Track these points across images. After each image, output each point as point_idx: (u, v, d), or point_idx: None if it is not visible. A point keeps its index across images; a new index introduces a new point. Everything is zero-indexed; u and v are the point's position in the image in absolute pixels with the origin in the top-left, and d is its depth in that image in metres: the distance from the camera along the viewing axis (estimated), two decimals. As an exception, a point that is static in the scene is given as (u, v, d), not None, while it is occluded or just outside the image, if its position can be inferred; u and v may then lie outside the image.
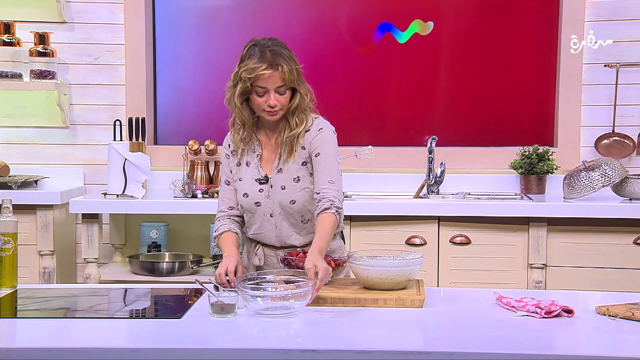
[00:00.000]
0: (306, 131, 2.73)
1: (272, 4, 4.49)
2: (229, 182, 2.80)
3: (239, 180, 2.76)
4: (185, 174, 4.18)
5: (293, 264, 2.54)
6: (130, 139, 4.22)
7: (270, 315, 2.25)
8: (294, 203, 2.70)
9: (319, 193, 2.64)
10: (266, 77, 2.63)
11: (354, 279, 2.63)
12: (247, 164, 2.76)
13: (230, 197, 2.79)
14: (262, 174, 2.73)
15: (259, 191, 2.72)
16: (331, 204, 2.59)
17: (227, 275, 2.52)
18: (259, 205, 2.72)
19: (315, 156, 2.69)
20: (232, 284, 2.48)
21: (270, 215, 2.72)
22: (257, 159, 2.75)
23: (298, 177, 2.71)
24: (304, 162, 2.72)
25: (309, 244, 2.68)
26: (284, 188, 2.71)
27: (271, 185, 2.72)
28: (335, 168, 2.69)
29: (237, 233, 2.76)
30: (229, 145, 2.80)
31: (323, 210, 2.59)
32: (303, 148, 2.72)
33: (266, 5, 4.50)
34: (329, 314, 2.32)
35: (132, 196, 3.96)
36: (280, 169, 2.72)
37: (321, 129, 2.73)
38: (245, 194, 2.74)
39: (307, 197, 2.71)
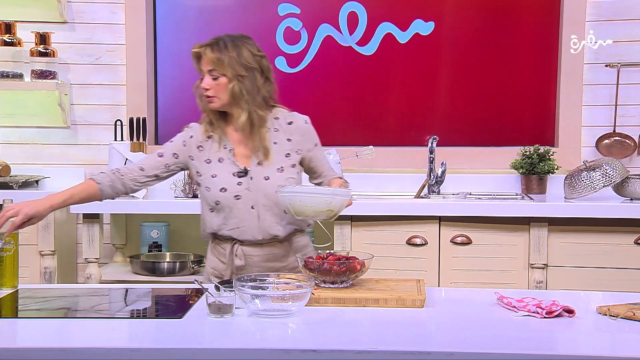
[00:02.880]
0: (288, 123, 2.80)
1: (273, 3, 4.49)
2: (162, 154, 2.80)
3: (212, 177, 2.76)
4: (186, 174, 4.18)
5: (314, 265, 2.51)
6: (131, 139, 4.22)
7: (268, 316, 2.24)
8: None
9: (326, 177, 2.84)
10: (201, 57, 2.74)
11: (360, 280, 2.63)
12: (219, 160, 2.77)
13: (153, 164, 2.78)
14: (240, 167, 2.75)
15: (238, 184, 2.74)
16: (341, 177, 2.84)
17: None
18: (239, 199, 2.73)
19: (314, 146, 2.84)
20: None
21: (252, 207, 2.74)
22: (231, 153, 2.76)
23: (282, 167, 2.76)
24: (288, 153, 2.78)
25: (291, 234, 2.79)
26: (268, 178, 2.74)
27: (251, 178, 2.74)
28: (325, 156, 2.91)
29: (99, 185, 2.73)
30: (192, 136, 2.81)
31: (334, 177, 2.83)
32: (289, 140, 2.79)
33: (267, 4, 4.50)
34: (329, 314, 2.32)
35: (132, 196, 3.95)
36: (260, 161, 2.75)
37: (307, 121, 2.85)
38: (223, 188, 2.74)
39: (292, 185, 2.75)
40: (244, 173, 2.74)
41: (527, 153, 4.25)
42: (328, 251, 2.67)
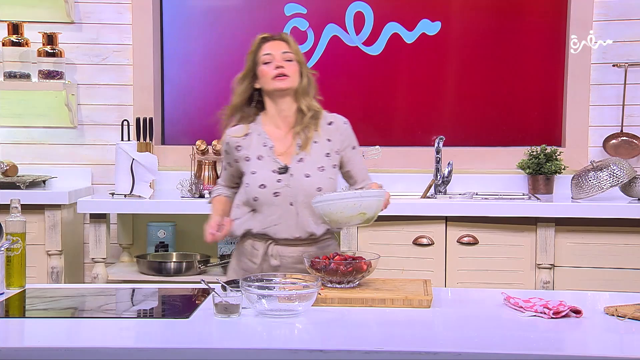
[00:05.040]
0: (328, 124, 2.82)
1: (280, 3, 4.49)
2: (226, 168, 2.90)
3: (252, 173, 2.77)
4: (192, 174, 4.19)
5: (321, 265, 2.51)
6: (138, 139, 4.23)
7: (275, 316, 2.24)
8: (320, 190, 2.72)
9: (363, 183, 2.85)
10: (270, 43, 2.77)
11: (367, 280, 2.63)
12: (258, 157, 2.78)
13: (227, 177, 2.90)
14: (280, 164, 2.75)
15: (278, 181, 2.74)
16: (380, 186, 2.80)
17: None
18: (277, 196, 2.73)
19: (353, 149, 2.85)
20: (222, 229, 2.72)
21: (291, 204, 2.73)
22: (271, 150, 2.77)
23: (322, 166, 2.77)
24: (328, 153, 2.78)
25: (326, 232, 2.80)
26: (309, 176, 2.74)
27: (291, 175, 2.74)
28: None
29: (227, 197, 2.91)
30: (227, 142, 2.85)
31: (371, 184, 2.84)
32: (328, 140, 2.79)
33: (274, 4, 4.50)
34: (336, 314, 2.32)
35: (139, 196, 3.97)
36: (302, 158, 2.76)
37: (346, 122, 2.87)
38: (263, 185, 2.74)
39: (331, 186, 2.76)
40: (284, 170, 2.75)
41: (534, 153, 4.24)
42: (335, 251, 2.67)
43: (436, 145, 4.25)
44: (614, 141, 4.32)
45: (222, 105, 4.55)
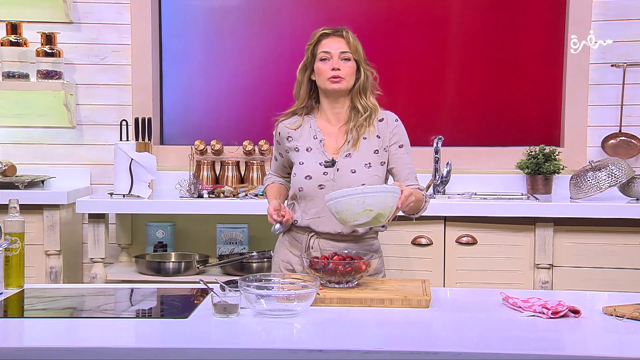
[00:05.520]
0: (379, 120, 2.80)
1: (279, 4, 4.49)
2: (277, 158, 2.92)
3: (300, 164, 2.78)
4: (191, 174, 4.19)
5: (319, 265, 2.51)
6: (137, 139, 4.22)
7: (274, 316, 2.24)
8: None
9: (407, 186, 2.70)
10: (329, 40, 2.75)
11: (365, 280, 2.63)
12: (307, 149, 2.79)
13: (278, 167, 2.94)
14: (328, 157, 2.75)
15: (324, 174, 2.74)
16: (420, 188, 2.76)
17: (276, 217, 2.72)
18: (322, 188, 2.73)
19: (399, 147, 2.80)
20: (285, 215, 2.71)
21: None
22: (320, 144, 2.77)
23: (369, 163, 2.75)
24: (376, 150, 2.77)
25: (365, 234, 2.79)
26: (355, 172, 2.73)
27: (337, 169, 2.74)
28: (413, 164, 2.83)
29: (281, 184, 2.95)
30: (279, 133, 2.85)
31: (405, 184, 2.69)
32: (378, 137, 2.78)
33: (273, 5, 4.50)
34: (335, 314, 2.32)
35: (138, 196, 3.97)
36: (349, 153, 2.75)
37: (397, 119, 2.84)
38: (309, 176, 2.75)
39: (376, 183, 2.73)
40: (331, 164, 2.75)
41: (533, 153, 4.24)
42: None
43: (435, 145, 4.25)
44: (612, 141, 4.33)
45: (220, 105, 4.59)
